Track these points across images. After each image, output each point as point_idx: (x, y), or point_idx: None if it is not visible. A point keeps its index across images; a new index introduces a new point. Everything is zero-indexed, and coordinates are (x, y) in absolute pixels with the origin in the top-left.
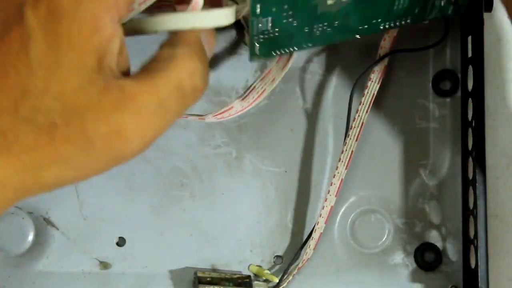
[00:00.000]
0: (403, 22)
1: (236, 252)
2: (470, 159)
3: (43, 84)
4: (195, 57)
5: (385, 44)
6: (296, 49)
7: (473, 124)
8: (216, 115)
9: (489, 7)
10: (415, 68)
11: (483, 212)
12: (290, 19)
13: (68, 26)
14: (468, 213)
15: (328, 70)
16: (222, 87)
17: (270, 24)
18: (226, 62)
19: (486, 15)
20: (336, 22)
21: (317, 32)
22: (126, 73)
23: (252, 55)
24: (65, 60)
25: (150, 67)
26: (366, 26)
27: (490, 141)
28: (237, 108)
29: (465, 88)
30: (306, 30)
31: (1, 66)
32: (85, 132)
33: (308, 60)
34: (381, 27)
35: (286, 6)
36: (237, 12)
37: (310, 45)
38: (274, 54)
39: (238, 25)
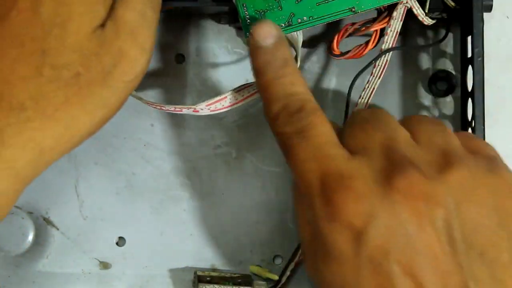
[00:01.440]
0: None
1: (236, 252)
2: None
3: (59, 41)
4: None
5: (388, 39)
6: (289, 23)
7: (473, 124)
8: (209, 104)
9: (489, 7)
10: (414, 67)
11: None
12: None
13: None
14: None
15: (328, 68)
16: (222, 87)
17: None
18: (226, 62)
19: (486, 15)
20: None
21: None
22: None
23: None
24: (76, 12)
25: None
26: None
27: (490, 142)
28: (231, 99)
29: (464, 88)
30: None
31: (16, 37)
32: (104, 68)
33: (307, 59)
34: None
35: None
36: None
37: (304, 20)
38: None
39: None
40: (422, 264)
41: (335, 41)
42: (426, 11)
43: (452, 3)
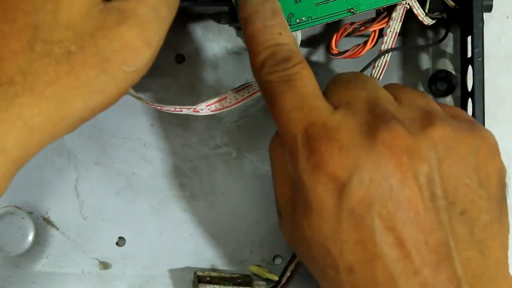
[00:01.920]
0: None
1: (236, 252)
2: None
3: (52, 17)
4: None
5: (388, 40)
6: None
7: None
8: (209, 104)
9: (489, 7)
10: (414, 67)
11: None
12: None
13: None
14: None
15: (328, 69)
16: (222, 87)
17: None
18: (226, 62)
19: (486, 15)
20: None
21: None
22: None
23: None
24: None
25: None
26: None
27: None
28: (231, 99)
29: (464, 88)
30: None
31: (9, 12)
32: (100, 51)
33: (307, 60)
34: None
35: None
36: None
37: (303, 20)
38: None
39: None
40: (404, 219)
41: (333, 40)
42: (426, 11)
43: (452, 3)
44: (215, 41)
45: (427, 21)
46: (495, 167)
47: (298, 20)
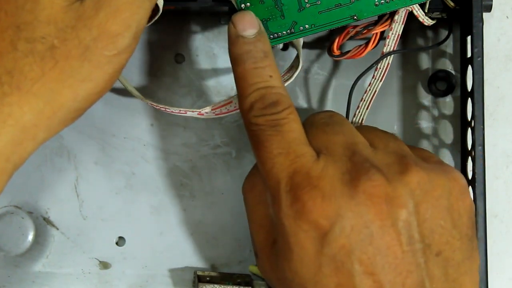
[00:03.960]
0: None
1: (236, 252)
2: (470, 159)
3: (32, 15)
4: None
5: (389, 42)
6: (292, 32)
7: (473, 124)
8: (215, 108)
9: (489, 7)
10: (414, 67)
11: (483, 212)
12: None
13: None
14: None
15: (329, 69)
16: (222, 87)
17: None
18: (226, 62)
19: (485, 15)
20: None
21: (307, 1)
22: None
23: None
24: None
25: None
26: None
27: (490, 141)
28: (236, 104)
29: (464, 88)
30: None
31: None
32: (81, 41)
33: (309, 60)
34: (376, 2)
35: None
36: None
37: (306, 28)
38: (272, 38)
39: None
40: (383, 264)
41: (335, 43)
42: (426, 11)
43: (452, 4)
44: (215, 41)
45: (428, 21)
46: (466, 207)
47: (301, 28)
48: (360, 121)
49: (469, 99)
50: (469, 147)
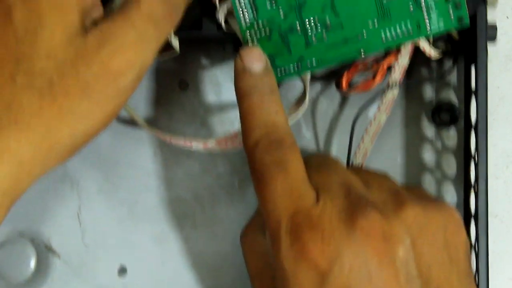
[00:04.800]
0: (403, 32)
1: (238, 283)
2: (473, 192)
3: (32, 48)
4: None
5: (395, 74)
6: (299, 68)
7: (476, 159)
8: (220, 141)
9: (493, 36)
10: (418, 97)
11: (485, 247)
12: (273, 3)
13: None
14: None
15: (334, 98)
16: (226, 115)
17: (254, 11)
18: (230, 89)
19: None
20: (327, 20)
21: (314, 39)
22: (100, 17)
23: None
24: (49, 20)
25: (122, 4)
26: (364, 34)
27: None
28: (241, 138)
29: (468, 119)
30: (299, 31)
31: None
32: (81, 78)
33: (314, 89)
34: (382, 37)
35: None
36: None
37: (313, 63)
38: (279, 75)
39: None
40: None
41: (344, 78)
42: (431, 43)
43: (457, 36)
44: (219, 68)
45: (434, 54)
46: (462, 242)
47: (308, 63)
48: (363, 155)
49: (473, 132)
50: (472, 180)
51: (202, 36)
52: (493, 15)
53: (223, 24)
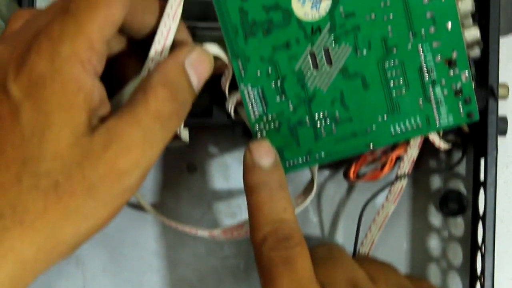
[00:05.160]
0: (412, 126)
1: None
2: (478, 285)
3: (39, 149)
4: (170, 83)
5: (404, 165)
6: (307, 160)
7: (483, 250)
8: (225, 231)
9: (504, 131)
10: (426, 186)
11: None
12: (282, 96)
13: (53, 90)
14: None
15: (341, 185)
16: (233, 199)
17: (263, 104)
18: (238, 173)
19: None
20: (336, 113)
21: (323, 132)
22: (108, 114)
23: None
24: (56, 121)
25: (130, 101)
26: (373, 127)
27: None
28: (247, 228)
29: (476, 210)
30: (308, 124)
31: None
32: (87, 179)
33: (323, 177)
34: (392, 132)
35: (270, 69)
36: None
37: (322, 156)
38: (288, 166)
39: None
40: None
41: (352, 169)
42: (441, 136)
43: (466, 129)
44: (228, 151)
45: (443, 146)
46: None
47: (317, 156)
48: (370, 244)
49: (480, 223)
50: (478, 272)
51: (212, 123)
52: (504, 109)
53: (232, 114)
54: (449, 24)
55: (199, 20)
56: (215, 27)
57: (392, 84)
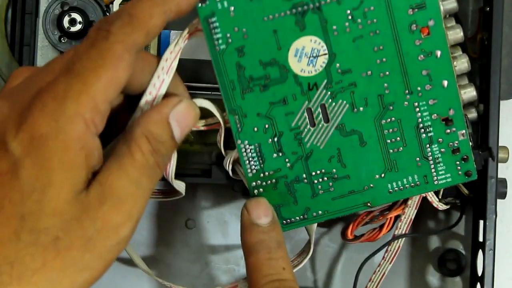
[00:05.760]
0: (410, 185)
1: None
2: None
3: (38, 206)
4: (152, 136)
5: (402, 225)
6: (304, 218)
7: None
8: None
9: (503, 194)
10: (424, 246)
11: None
12: (279, 153)
13: (55, 148)
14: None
15: (339, 242)
16: (232, 255)
17: (260, 160)
18: (236, 230)
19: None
20: (334, 171)
21: (320, 189)
22: (99, 164)
23: None
24: (57, 178)
25: (115, 152)
26: (371, 186)
27: None
28: (242, 287)
29: (474, 270)
30: (305, 182)
31: None
32: (85, 232)
33: (320, 233)
34: (389, 190)
35: (267, 125)
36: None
37: (319, 214)
38: (284, 223)
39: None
40: None
41: (350, 229)
42: (440, 198)
43: (466, 191)
44: (227, 208)
45: (442, 207)
46: None
47: (314, 214)
48: None
49: (479, 284)
50: None
51: (212, 183)
52: (505, 173)
53: (230, 172)
54: (445, 82)
55: (192, 81)
56: (208, 88)
57: (389, 142)
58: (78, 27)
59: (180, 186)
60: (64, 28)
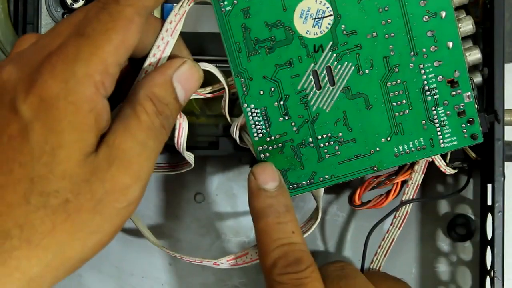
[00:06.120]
0: (416, 148)
1: None
2: None
3: (48, 168)
4: (156, 98)
5: (409, 191)
6: (311, 181)
7: (492, 275)
8: (230, 260)
9: (511, 157)
10: (433, 211)
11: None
12: (285, 116)
13: (65, 110)
14: None
15: (348, 211)
16: (241, 227)
17: (266, 124)
18: (245, 202)
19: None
20: (340, 134)
21: (327, 153)
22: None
23: None
24: (67, 140)
25: (121, 114)
26: (377, 149)
27: None
28: (252, 255)
29: (484, 235)
30: (312, 145)
31: (5, 163)
32: (94, 194)
33: (328, 202)
34: (396, 154)
35: (273, 88)
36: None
37: (326, 179)
38: (292, 188)
39: None
40: None
41: (357, 194)
42: (447, 162)
43: (474, 155)
44: (235, 180)
45: (449, 171)
46: None
47: (321, 178)
48: (377, 268)
49: (489, 247)
50: None
51: (219, 155)
52: None
53: (237, 139)
54: (450, 43)
55: (194, 54)
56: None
57: (395, 104)
58: (81, 3)
59: (190, 157)
60: (67, 4)
